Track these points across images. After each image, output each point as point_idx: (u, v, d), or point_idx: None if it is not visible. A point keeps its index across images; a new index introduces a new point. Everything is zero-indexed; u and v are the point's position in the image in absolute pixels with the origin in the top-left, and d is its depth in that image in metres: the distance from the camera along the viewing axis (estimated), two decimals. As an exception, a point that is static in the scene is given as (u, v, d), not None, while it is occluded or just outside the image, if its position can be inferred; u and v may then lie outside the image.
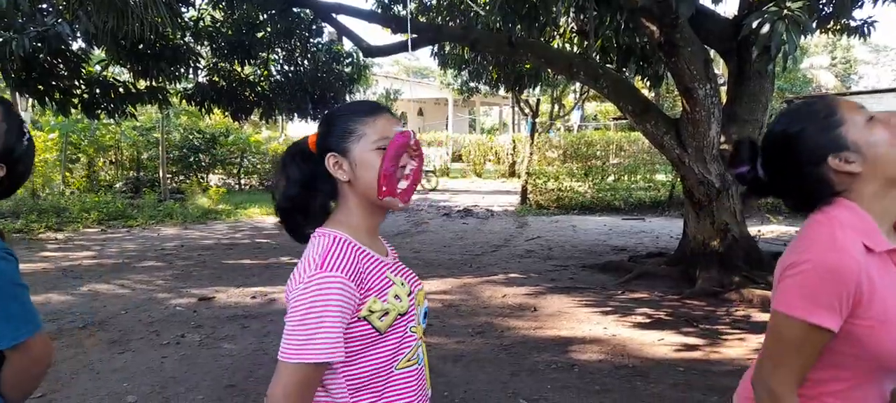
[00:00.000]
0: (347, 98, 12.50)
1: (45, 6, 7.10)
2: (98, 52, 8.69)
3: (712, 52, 6.77)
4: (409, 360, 1.28)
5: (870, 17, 7.13)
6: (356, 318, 1.19)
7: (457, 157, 23.41)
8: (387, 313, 1.22)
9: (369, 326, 1.21)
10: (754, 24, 4.65)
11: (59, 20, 6.49)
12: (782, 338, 1.19)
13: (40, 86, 7.62)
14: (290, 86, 9.91)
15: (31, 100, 13.53)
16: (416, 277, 1.41)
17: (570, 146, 16.53)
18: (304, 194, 1.32)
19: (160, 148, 14.44)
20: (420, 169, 1.33)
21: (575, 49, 8.76)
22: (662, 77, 8.58)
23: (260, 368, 4.20)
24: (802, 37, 4.64)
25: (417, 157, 1.32)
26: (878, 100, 19.44)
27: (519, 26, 7.39)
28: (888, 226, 1.22)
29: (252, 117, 11.13)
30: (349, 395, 1.22)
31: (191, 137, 16.21)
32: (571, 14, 8.14)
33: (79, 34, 7.08)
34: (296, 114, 10.34)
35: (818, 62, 30.94)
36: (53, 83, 7.75)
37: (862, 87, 32.54)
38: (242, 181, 17.19)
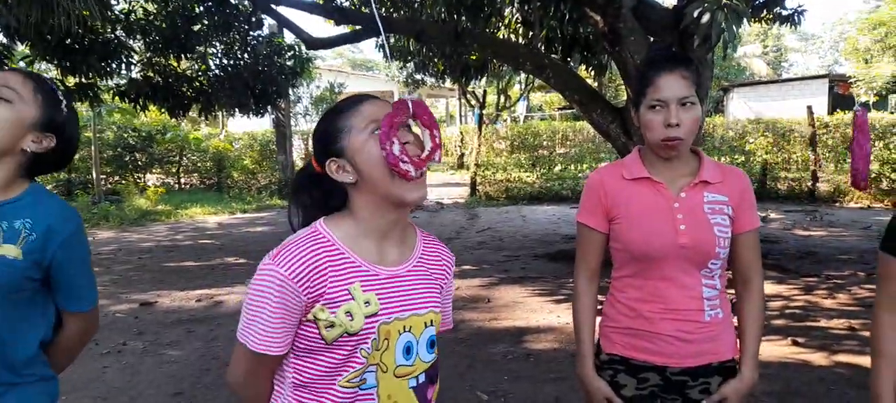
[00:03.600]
0: (290, 92, 12.26)
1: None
2: (21, 48, 8.20)
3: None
4: (350, 382, 1.18)
5: (800, 6, 7.39)
6: (305, 318, 1.14)
7: (404, 150, 23.24)
8: (333, 325, 1.14)
9: (317, 331, 1.14)
10: (695, 14, 4.74)
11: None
12: None
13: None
14: (229, 80, 9.58)
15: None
16: (426, 302, 1.26)
17: (517, 137, 16.66)
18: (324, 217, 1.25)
19: (92, 147, 13.80)
20: (435, 138, 1.21)
21: (520, 40, 8.79)
22: (606, 66, 8.71)
23: (208, 374, 4.05)
24: (740, 25, 4.76)
25: (429, 126, 1.21)
26: (807, 87, 20.36)
27: (464, 17, 7.36)
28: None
29: (190, 113, 10.76)
30: (291, 391, 1.20)
31: (125, 136, 15.54)
32: (516, 4, 8.16)
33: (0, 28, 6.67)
34: (237, 110, 10.04)
35: (751, 50, 32.17)
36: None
37: (792, 74, 34.05)
38: (182, 180, 16.61)
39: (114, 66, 8.45)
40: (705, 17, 4.67)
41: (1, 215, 1.33)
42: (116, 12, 8.32)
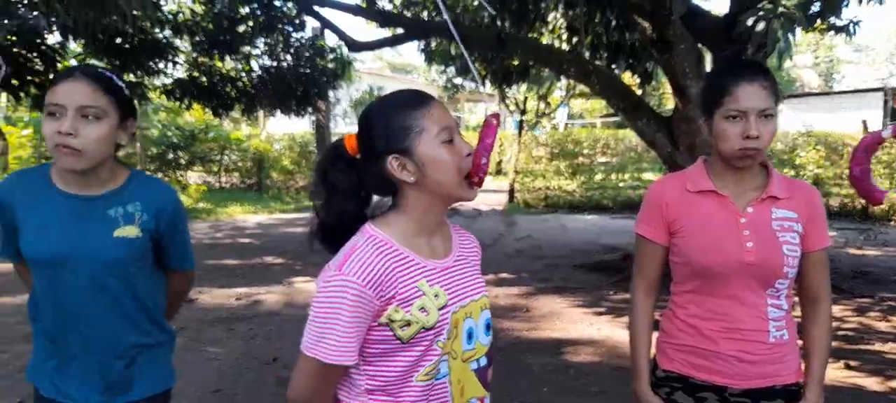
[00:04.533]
0: (330, 94, 12.35)
1: (19, -2, 6.85)
2: (74, 46, 8.44)
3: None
4: (427, 373, 1.19)
5: (855, 17, 7.13)
6: (377, 323, 1.15)
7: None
8: (409, 324, 1.15)
9: (391, 333, 1.16)
10: (750, 22, 4.60)
11: (35, 13, 6.26)
12: None
13: (15, 81, 7.36)
14: (272, 81, 9.71)
15: (4, 95, 13.18)
16: (478, 286, 1.31)
17: (557, 144, 16.47)
18: (358, 205, 1.25)
19: (138, 144, 14.14)
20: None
21: (564, 46, 8.68)
22: (652, 74, 8.54)
23: (248, 372, 4.06)
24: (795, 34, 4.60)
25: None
26: (861, 100, 19.68)
27: (508, 22, 7.29)
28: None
29: (232, 113, 10.92)
30: (365, 393, 1.20)
31: (169, 134, 15.88)
32: (560, 10, 8.06)
33: (55, 27, 6.86)
34: (279, 111, 10.16)
35: (802, 61, 31.29)
36: (29, 78, 7.50)
37: (844, 86, 32.99)
38: (223, 179, 16.87)
39: (161, 65, 8.64)
40: (760, 26, 4.52)
41: (115, 202, 1.53)
42: (165, 13, 8.50)
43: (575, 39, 8.37)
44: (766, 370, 1.55)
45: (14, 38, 6.30)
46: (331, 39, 10.16)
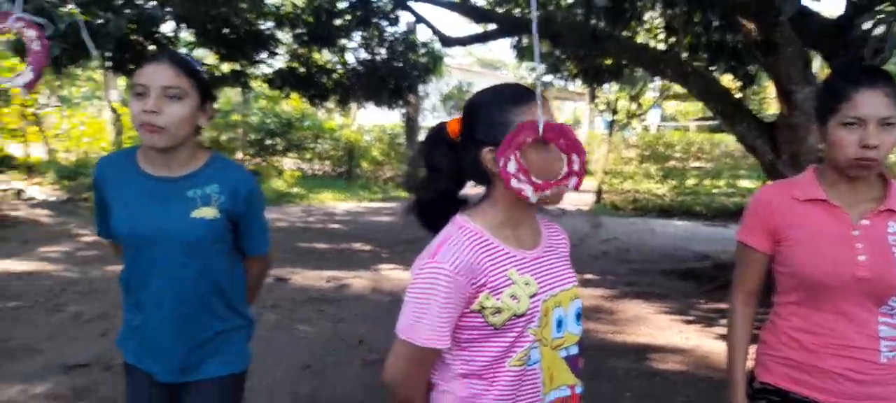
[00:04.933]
0: (421, 88, 12.56)
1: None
2: (185, 35, 9.01)
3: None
4: (520, 359, 1.23)
5: None
6: (469, 310, 1.20)
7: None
8: (500, 311, 1.20)
9: (483, 320, 1.20)
10: (867, 26, 4.30)
11: (153, 3, 6.74)
12: None
13: (133, 66, 7.95)
14: (366, 73, 9.99)
15: (123, 80, 14.16)
16: (567, 276, 1.33)
17: (648, 146, 16.00)
18: (455, 186, 1.30)
19: (239, 130, 14.89)
20: (573, 164, 1.24)
21: (661, 45, 8.43)
22: (754, 77, 8.15)
23: (335, 352, 4.23)
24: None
25: (569, 150, 1.23)
26: None
27: (602, 21, 7.15)
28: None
29: (327, 103, 11.30)
30: (460, 378, 1.25)
31: (268, 121, 16.61)
32: (658, 9, 7.83)
33: (169, 17, 7.35)
34: (371, 102, 10.43)
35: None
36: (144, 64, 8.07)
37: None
38: (315, 166, 17.48)
39: (263, 55, 9.08)
40: (879, 30, 4.23)
41: (194, 183, 1.60)
42: (269, 5, 8.92)
43: (672, 39, 8.12)
44: (874, 391, 1.47)
45: (133, 27, 6.79)
46: (423, 34, 10.35)
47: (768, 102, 20.69)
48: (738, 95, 8.49)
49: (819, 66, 9.45)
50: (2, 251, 6.71)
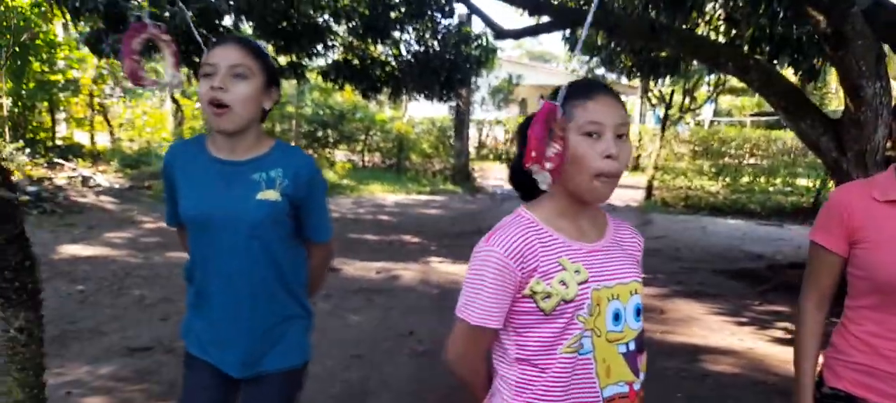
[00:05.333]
0: (474, 80, 12.56)
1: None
2: (244, 27, 9.25)
3: (886, 48, 6.05)
4: (571, 347, 1.25)
5: None
6: (521, 294, 1.24)
7: (577, 146, 22.76)
8: (549, 296, 1.22)
9: (534, 304, 1.24)
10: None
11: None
12: None
13: (197, 59, 8.21)
14: (419, 66, 10.04)
15: (184, 69, 14.61)
16: (628, 271, 1.32)
17: (702, 142, 15.60)
18: None
19: (293, 121, 15.20)
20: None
21: (720, 38, 8.20)
22: (819, 72, 7.85)
23: (385, 342, 4.30)
24: None
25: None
26: None
27: (661, 13, 7.00)
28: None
29: (379, 96, 11.42)
30: (516, 362, 1.29)
31: (321, 113, 16.89)
32: (719, 0, 7.62)
33: (231, 10, 7.56)
34: (423, 95, 10.48)
35: None
36: (207, 56, 8.33)
37: None
38: (365, 158, 17.72)
39: (320, 47, 9.23)
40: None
41: (259, 167, 1.63)
42: (327, -1, 9.07)
43: (733, 32, 7.88)
44: None
45: (197, 19, 7.01)
46: (475, 26, 10.31)
47: (829, 98, 19.89)
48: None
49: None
50: (69, 236, 7.05)
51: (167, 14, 6.48)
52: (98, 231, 7.41)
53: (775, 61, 7.54)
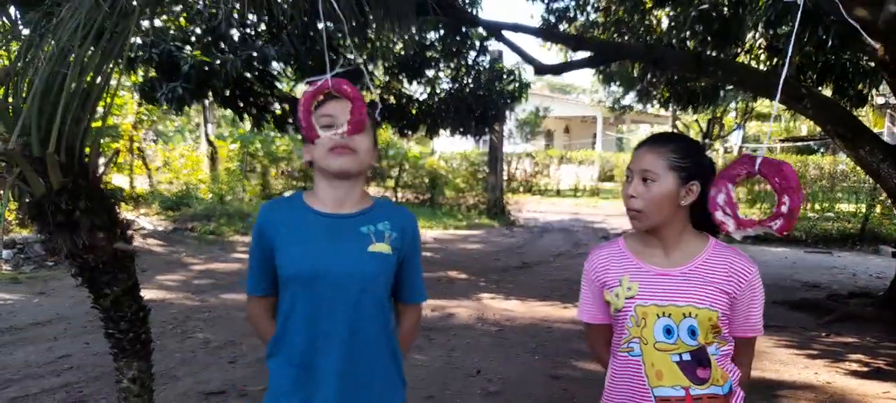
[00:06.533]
0: (508, 115, 12.65)
1: (250, 31, 7.81)
2: (288, 70, 9.43)
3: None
4: (624, 348, 1.57)
5: None
6: (604, 301, 1.62)
7: (607, 177, 22.76)
8: (610, 303, 1.59)
9: (610, 309, 1.61)
10: None
11: (265, 44, 7.12)
12: None
13: (241, 103, 8.39)
14: (454, 103, 10.14)
15: (218, 111, 14.87)
16: (688, 297, 1.51)
17: (736, 169, 15.44)
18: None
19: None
20: (794, 202, 1.45)
21: (762, 66, 8.19)
22: (866, 97, 7.79)
23: (454, 382, 4.27)
24: None
25: (781, 191, 1.49)
26: None
27: (704, 45, 7.03)
28: None
29: (416, 134, 11.53)
30: (611, 353, 1.65)
31: (354, 152, 17.04)
32: (761, 29, 7.63)
33: (277, 57, 7.73)
34: (459, 132, 10.56)
35: None
36: (251, 100, 8.51)
37: None
38: (399, 194, 17.81)
39: (358, 87, 9.37)
40: None
41: (367, 221, 1.61)
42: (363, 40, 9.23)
43: (775, 60, 7.87)
44: None
45: (246, 66, 7.16)
46: (506, 61, 10.40)
47: (882, 122, 19.69)
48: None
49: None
50: (126, 278, 7.14)
51: (218, 62, 6.68)
52: (150, 274, 7.51)
53: (820, 88, 7.51)
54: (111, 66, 2.03)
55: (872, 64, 5.99)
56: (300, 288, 1.54)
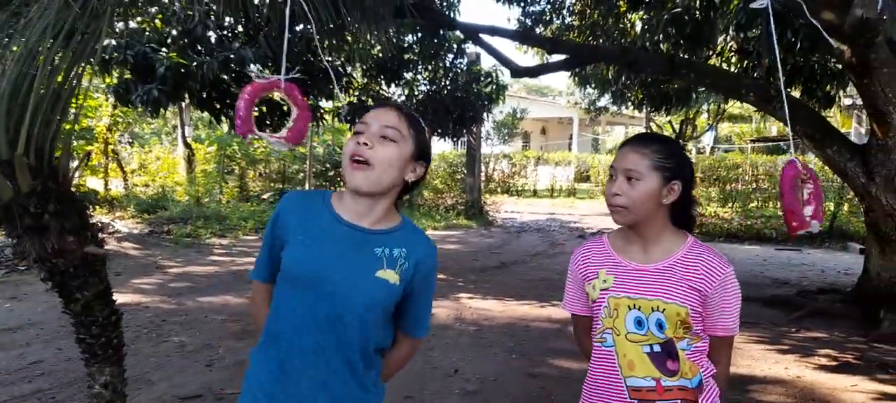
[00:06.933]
0: (485, 116, 12.71)
1: (227, 32, 7.75)
2: (265, 72, 9.37)
3: None
4: (599, 338, 1.65)
5: None
6: (584, 293, 1.72)
7: (583, 177, 22.96)
8: (588, 295, 1.69)
9: (589, 300, 1.69)
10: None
11: (242, 45, 7.07)
12: None
13: (218, 105, 8.31)
14: (432, 105, 10.17)
15: (195, 114, 14.75)
16: (658, 292, 1.57)
17: (709, 169, 15.70)
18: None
19: (307, 162, 15.30)
20: (817, 190, 1.69)
21: (732, 69, 8.35)
22: (834, 99, 7.98)
23: (433, 382, 4.28)
24: None
25: (811, 180, 1.69)
26: None
27: (677, 48, 7.15)
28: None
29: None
30: (593, 341, 1.71)
31: (334, 153, 17.01)
32: (732, 32, 7.78)
33: (255, 59, 7.68)
34: (437, 133, 10.59)
35: None
36: (228, 101, 8.44)
37: None
38: (376, 196, 17.74)
39: (336, 90, 9.36)
40: None
41: (384, 242, 1.50)
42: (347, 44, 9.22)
43: (745, 62, 8.03)
44: None
45: (223, 68, 7.10)
46: (484, 63, 10.49)
47: (849, 124, 20.12)
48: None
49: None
50: (99, 283, 7.04)
51: (195, 64, 6.62)
52: (125, 277, 7.41)
53: (789, 89, 7.67)
54: (82, 67, 2.02)
55: (840, 66, 6.13)
56: (296, 288, 1.48)
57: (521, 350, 5.02)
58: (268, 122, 8.91)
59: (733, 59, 8.44)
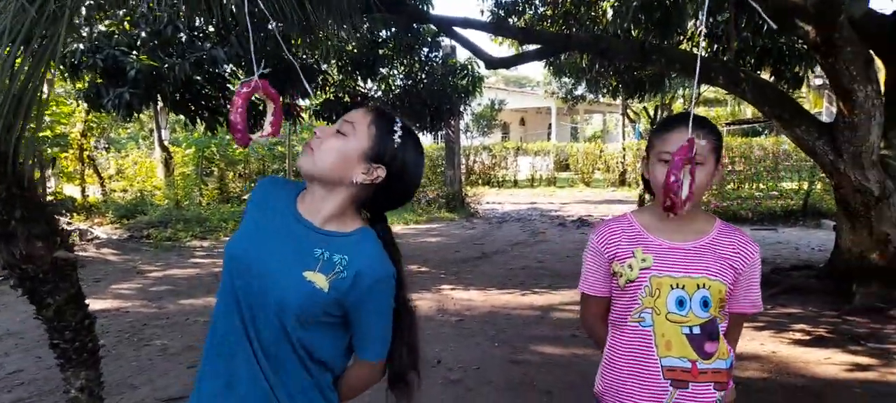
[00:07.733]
0: (462, 109, 12.74)
1: (198, 34, 7.68)
2: (239, 73, 9.31)
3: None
4: (635, 318, 1.59)
5: None
6: (611, 273, 1.64)
7: (562, 166, 23.10)
8: (621, 275, 1.60)
9: (616, 282, 1.62)
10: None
11: (214, 45, 7.02)
12: None
13: (192, 106, 8.25)
14: (409, 99, 10.17)
15: (172, 116, 14.59)
16: (702, 269, 1.55)
17: (687, 153, 15.85)
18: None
19: (286, 162, 15.23)
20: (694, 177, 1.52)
21: (703, 53, 8.45)
22: (802, 79, 8.11)
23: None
24: None
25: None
26: None
27: (647, 34, 7.22)
28: None
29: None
30: (610, 326, 1.69)
31: (311, 150, 16.94)
32: (701, 17, 7.86)
33: (227, 58, 7.63)
34: (415, 128, 10.60)
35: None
36: (202, 103, 8.37)
37: None
38: (357, 192, 17.72)
39: (312, 87, 9.32)
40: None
41: (328, 245, 1.37)
42: (320, 40, 9.18)
43: (715, 46, 8.13)
44: None
45: (196, 68, 7.05)
46: (460, 56, 10.51)
47: (807, 106, 20.45)
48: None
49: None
50: (78, 290, 6.97)
51: (166, 65, 6.56)
52: (105, 283, 7.35)
53: (758, 72, 7.79)
54: (43, 71, 2.01)
55: (806, 46, 6.24)
56: (227, 268, 1.39)
57: (504, 338, 5.07)
58: (250, 123, 8.86)
59: (703, 44, 8.54)
